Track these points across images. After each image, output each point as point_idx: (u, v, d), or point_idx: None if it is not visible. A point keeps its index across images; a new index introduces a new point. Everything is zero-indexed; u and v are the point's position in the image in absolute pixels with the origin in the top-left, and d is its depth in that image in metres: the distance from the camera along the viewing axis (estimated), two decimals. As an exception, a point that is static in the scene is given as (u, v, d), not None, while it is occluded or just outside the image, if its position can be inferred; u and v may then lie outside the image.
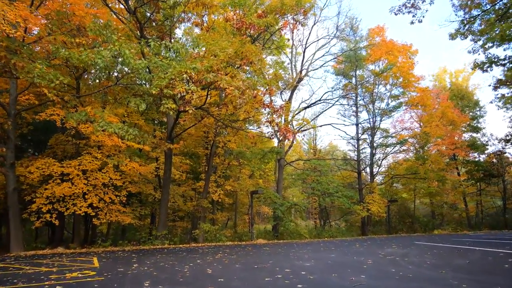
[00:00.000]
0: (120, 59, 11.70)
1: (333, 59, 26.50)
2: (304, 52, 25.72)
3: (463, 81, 36.82)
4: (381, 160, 29.11)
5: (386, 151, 29.00)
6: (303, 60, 25.68)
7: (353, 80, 29.01)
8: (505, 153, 31.43)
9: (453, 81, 37.27)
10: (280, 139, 24.32)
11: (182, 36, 20.03)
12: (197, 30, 19.67)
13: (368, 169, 28.88)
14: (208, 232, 17.79)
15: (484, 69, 18.92)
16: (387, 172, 29.04)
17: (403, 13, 17.39)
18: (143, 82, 14.77)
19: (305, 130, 25.80)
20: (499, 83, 22.55)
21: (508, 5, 16.61)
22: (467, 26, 18.70)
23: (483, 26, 18.22)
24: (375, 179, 28.22)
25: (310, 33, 28.96)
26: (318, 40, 27.69)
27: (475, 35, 18.60)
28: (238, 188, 22.51)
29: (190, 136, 21.74)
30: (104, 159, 15.50)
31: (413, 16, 17.19)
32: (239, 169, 21.55)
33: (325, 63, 26.67)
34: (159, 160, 19.82)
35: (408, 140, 27.38)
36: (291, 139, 22.92)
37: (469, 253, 10.36)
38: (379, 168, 28.85)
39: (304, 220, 30.91)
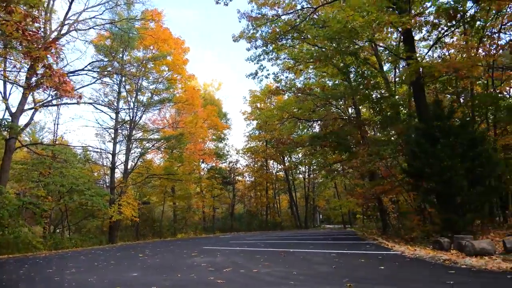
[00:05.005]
0: None
1: (103, 25, 21.08)
2: (71, 3, 18.89)
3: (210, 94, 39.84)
4: (138, 157, 25.61)
5: (145, 146, 25.85)
6: (67, 13, 18.78)
7: (115, 64, 24.48)
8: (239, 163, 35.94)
9: (201, 93, 39.52)
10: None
11: None
12: None
13: (122, 166, 24.68)
14: None
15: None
16: (143, 171, 25.79)
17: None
18: None
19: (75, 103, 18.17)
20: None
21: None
22: (252, 31, 19.04)
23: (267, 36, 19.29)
24: (129, 178, 24.30)
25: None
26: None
27: (256, 39, 19.18)
28: None
29: None
30: None
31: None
32: None
33: (92, 27, 20.73)
34: None
35: (172, 139, 25.34)
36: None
37: (302, 256, 9.38)
38: (134, 166, 25.15)
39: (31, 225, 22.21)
